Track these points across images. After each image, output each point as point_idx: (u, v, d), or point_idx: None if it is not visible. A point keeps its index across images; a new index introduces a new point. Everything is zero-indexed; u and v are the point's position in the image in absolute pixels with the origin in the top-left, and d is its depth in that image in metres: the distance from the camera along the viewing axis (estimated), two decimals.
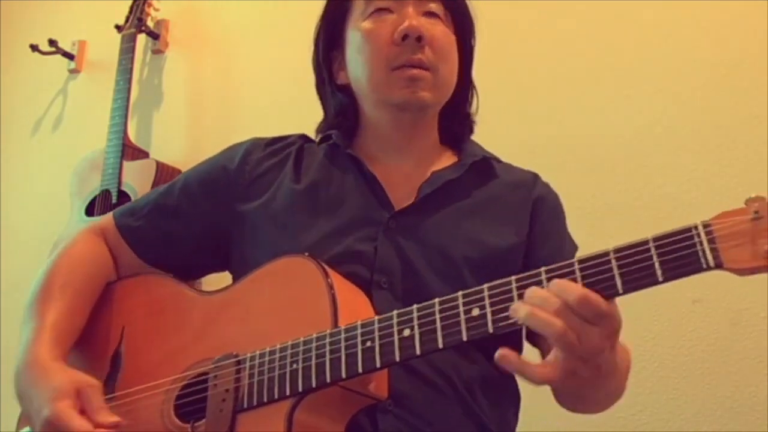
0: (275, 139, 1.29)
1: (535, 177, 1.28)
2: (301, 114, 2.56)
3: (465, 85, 1.28)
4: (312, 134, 1.33)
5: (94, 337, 1.18)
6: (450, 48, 1.21)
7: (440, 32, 1.20)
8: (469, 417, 1.08)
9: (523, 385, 1.16)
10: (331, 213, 1.16)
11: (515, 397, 1.18)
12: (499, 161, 1.27)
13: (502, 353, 0.86)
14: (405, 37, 1.16)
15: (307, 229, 1.14)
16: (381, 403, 1.02)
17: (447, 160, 1.26)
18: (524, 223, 1.19)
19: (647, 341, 1.78)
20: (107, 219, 1.29)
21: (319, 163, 1.23)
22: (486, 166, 1.24)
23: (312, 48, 1.36)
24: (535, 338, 1.15)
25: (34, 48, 2.87)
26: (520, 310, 0.86)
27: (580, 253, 1.24)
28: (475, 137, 1.31)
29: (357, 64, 1.22)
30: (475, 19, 1.28)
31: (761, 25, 1.83)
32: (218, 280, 1.25)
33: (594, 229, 1.86)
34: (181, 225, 1.24)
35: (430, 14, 1.20)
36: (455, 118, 1.28)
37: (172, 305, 1.15)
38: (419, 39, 1.16)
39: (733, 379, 1.70)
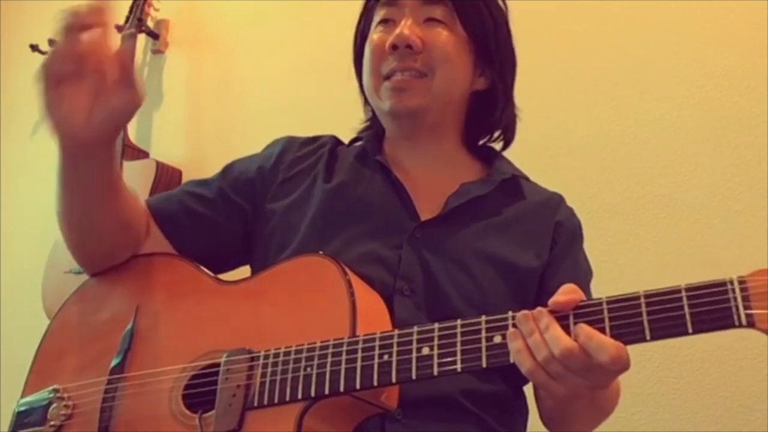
0: (309, 140, 1.29)
1: (560, 200, 1.27)
2: (302, 114, 2.57)
3: (492, 92, 1.25)
4: (313, 133, 1.33)
5: (107, 310, 1.17)
6: (450, 51, 1.19)
7: (438, 37, 1.18)
8: (478, 430, 1.08)
9: (530, 396, 1.18)
10: (357, 217, 1.16)
11: (524, 412, 1.18)
12: (527, 180, 1.27)
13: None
14: (395, 47, 1.17)
15: (333, 230, 1.15)
16: (390, 413, 1.01)
17: (475, 171, 1.25)
18: (545, 247, 1.19)
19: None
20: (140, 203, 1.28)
21: (349, 166, 1.23)
22: (514, 185, 1.23)
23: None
24: None
25: (34, 48, 2.87)
26: (513, 343, 0.88)
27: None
28: None
29: (363, 73, 1.24)
30: (497, 19, 1.24)
31: (761, 25, 1.83)
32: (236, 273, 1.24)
33: (594, 229, 1.85)
34: (213, 215, 1.23)
35: (432, 20, 1.19)
36: (479, 127, 1.27)
37: (188, 291, 1.15)
38: (409, 47, 1.16)
39: (733, 379, 1.70)
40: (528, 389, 1.18)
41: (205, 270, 1.18)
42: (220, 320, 1.09)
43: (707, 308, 0.82)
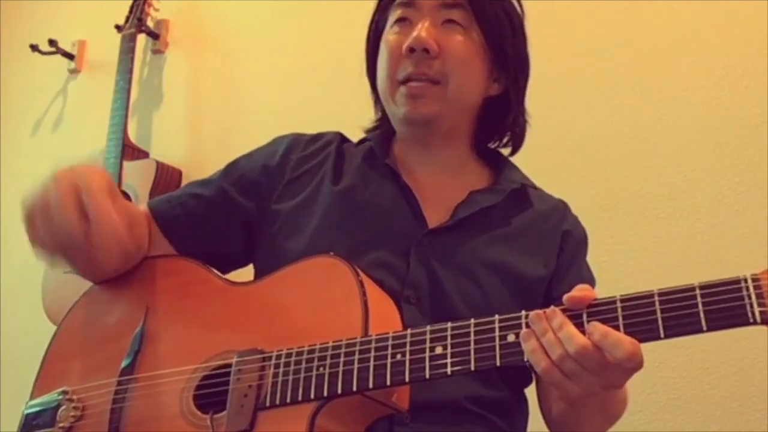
0: (314, 138, 1.28)
1: (566, 208, 1.27)
2: (302, 114, 2.57)
3: (505, 98, 1.24)
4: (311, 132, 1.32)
5: (116, 312, 1.17)
6: (466, 57, 1.17)
7: (455, 42, 1.17)
8: (485, 430, 1.08)
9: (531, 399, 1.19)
10: (364, 221, 1.16)
11: (525, 413, 1.19)
12: (534, 188, 1.27)
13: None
14: (412, 49, 1.15)
15: (340, 234, 1.14)
16: (399, 416, 1.01)
17: (483, 177, 1.25)
18: (552, 255, 1.19)
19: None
20: (141, 207, 1.27)
21: (357, 168, 1.23)
22: (522, 194, 1.23)
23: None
24: None
25: (34, 48, 2.87)
26: (527, 343, 0.88)
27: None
28: None
29: (378, 74, 1.23)
30: (514, 24, 1.23)
31: (761, 25, 1.83)
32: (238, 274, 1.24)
33: (594, 229, 1.85)
34: (215, 216, 1.23)
35: (450, 23, 1.18)
36: (489, 131, 1.27)
37: (198, 292, 1.14)
38: (426, 51, 1.15)
39: (733, 379, 1.70)
40: (528, 392, 1.19)
41: (215, 271, 1.17)
42: (231, 321, 1.08)
43: (721, 306, 0.82)
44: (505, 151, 1.31)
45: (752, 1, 1.85)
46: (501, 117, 1.25)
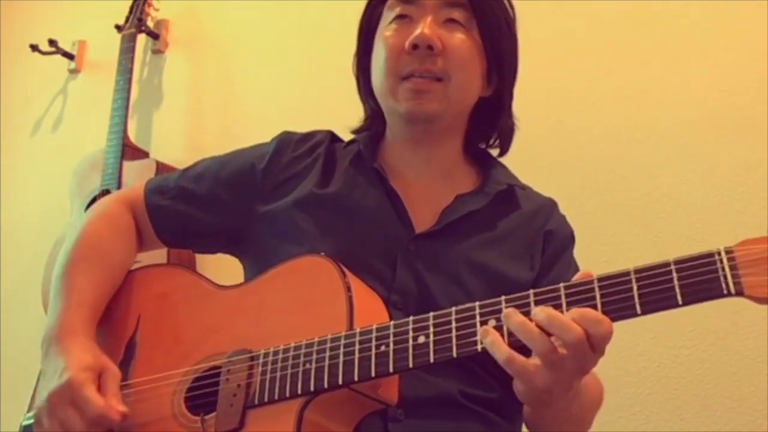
0: (304, 137, 1.28)
1: (552, 207, 1.27)
2: (302, 113, 2.57)
3: (498, 96, 1.25)
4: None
5: (110, 324, 1.18)
6: (467, 57, 1.18)
7: (457, 41, 1.17)
8: (480, 427, 1.09)
9: None
10: (351, 227, 1.16)
11: (521, 414, 1.18)
12: (522, 187, 1.27)
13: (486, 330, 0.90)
14: (415, 46, 1.15)
15: (327, 239, 1.14)
16: (392, 412, 1.02)
17: (471, 179, 1.25)
18: (537, 257, 1.19)
19: (647, 341, 1.78)
20: (138, 191, 1.29)
21: (344, 171, 1.23)
22: (509, 194, 1.23)
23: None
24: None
25: (34, 48, 2.87)
26: (511, 318, 0.89)
27: (580, 255, 1.26)
28: None
29: (375, 71, 1.22)
30: (510, 26, 1.24)
31: (761, 25, 1.83)
32: (232, 273, 1.25)
33: (594, 228, 1.86)
34: (204, 214, 1.25)
35: (452, 22, 1.18)
36: (481, 131, 1.27)
37: (188, 298, 1.16)
38: (430, 48, 1.15)
39: (733, 379, 1.70)
40: None
41: (204, 276, 1.18)
42: (221, 324, 1.09)
43: (696, 279, 0.84)
44: (494, 153, 1.31)
45: (752, 1, 1.85)
46: (492, 118, 1.26)
